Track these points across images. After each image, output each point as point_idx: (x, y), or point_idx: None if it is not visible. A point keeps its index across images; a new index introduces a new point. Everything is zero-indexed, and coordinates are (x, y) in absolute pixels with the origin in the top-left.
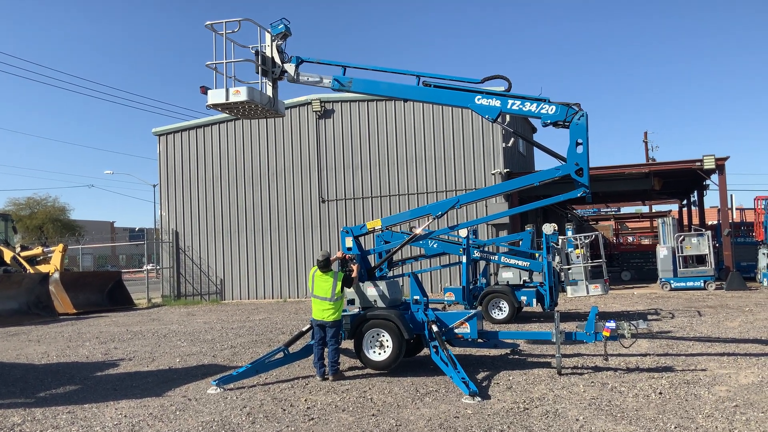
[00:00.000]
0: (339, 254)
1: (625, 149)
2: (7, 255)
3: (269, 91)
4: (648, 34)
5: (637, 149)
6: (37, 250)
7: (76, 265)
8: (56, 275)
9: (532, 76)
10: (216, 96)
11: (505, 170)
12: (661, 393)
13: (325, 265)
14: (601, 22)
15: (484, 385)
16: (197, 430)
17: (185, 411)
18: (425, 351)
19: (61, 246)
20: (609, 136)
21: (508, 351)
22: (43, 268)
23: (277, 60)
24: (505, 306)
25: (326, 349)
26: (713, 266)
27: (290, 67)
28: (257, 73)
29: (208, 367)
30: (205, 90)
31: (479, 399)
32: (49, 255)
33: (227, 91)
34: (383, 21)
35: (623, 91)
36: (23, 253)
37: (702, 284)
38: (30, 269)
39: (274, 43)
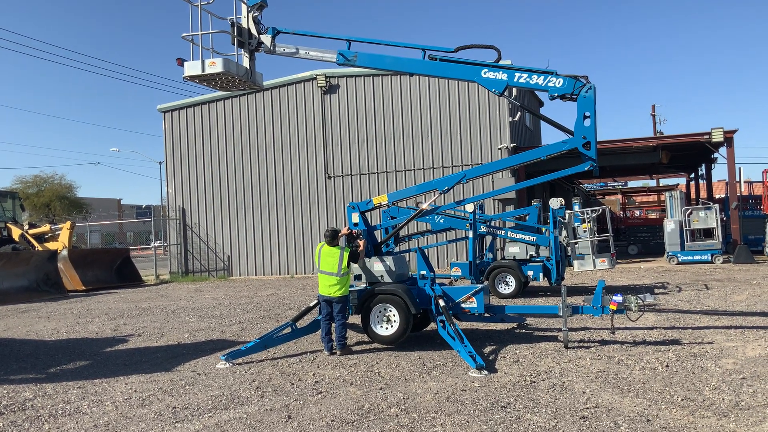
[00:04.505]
0: (345, 230)
1: (633, 123)
2: (16, 233)
3: (246, 63)
4: (656, 4)
5: (644, 123)
6: (45, 228)
7: (84, 243)
8: (64, 252)
9: (538, 48)
10: (192, 68)
11: (512, 144)
12: (667, 366)
13: (331, 241)
14: None
15: (491, 358)
16: (207, 403)
17: (195, 385)
18: (432, 326)
19: (68, 223)
20: (616, 110)
21: (514, 325)
22: (51, 246)
23: (254, 31)
24: (511, 280)
25: (333, 324)
26: (721, 240)
27: (267, 39)
28: (233, 44)
29: (217, 343)
30: (181, 62)
31: (486, 372)
32: (57, 232)
33: (203, 62)
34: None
35: (631, 64)
36: (31, 231)
37: (709, 258)
38: (38, 247)
39: (251, 14)
